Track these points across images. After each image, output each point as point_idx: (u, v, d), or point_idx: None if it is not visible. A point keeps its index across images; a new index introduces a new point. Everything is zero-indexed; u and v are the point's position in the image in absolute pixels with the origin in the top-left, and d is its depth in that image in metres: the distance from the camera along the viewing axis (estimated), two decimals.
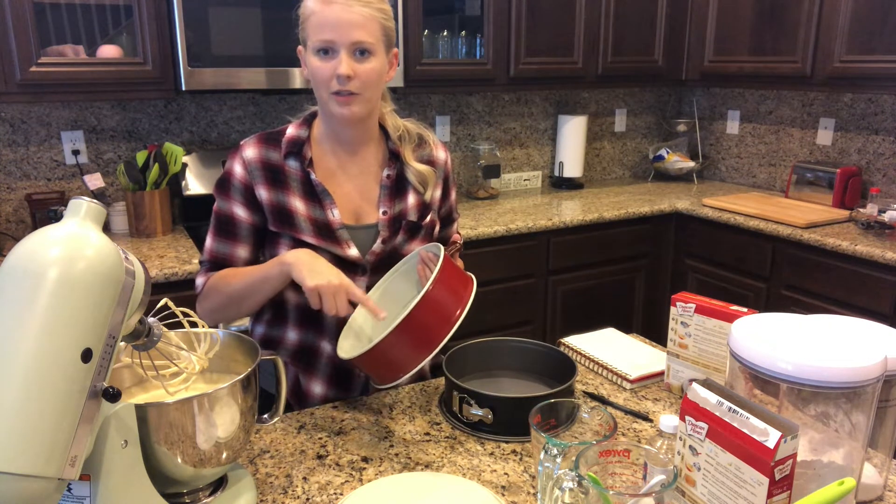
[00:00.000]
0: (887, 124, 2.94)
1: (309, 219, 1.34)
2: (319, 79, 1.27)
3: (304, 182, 1.35)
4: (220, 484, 1.04)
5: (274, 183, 1.34)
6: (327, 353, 1.39)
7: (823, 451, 0.97)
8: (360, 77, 1.26)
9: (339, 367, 1.40)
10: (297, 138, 1.36)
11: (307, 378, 1.41)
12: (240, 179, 1.35)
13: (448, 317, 1.16)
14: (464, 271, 1.29)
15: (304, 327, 1.39)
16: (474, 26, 2.90)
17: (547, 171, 3.58)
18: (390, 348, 1.14)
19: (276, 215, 1.34)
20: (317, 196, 1.35)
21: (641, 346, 1.55)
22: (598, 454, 0.92)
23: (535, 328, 2.93)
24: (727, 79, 3.24)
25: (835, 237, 2.56)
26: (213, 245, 1.37)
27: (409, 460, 1.14)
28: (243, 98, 2.79)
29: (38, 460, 0.70)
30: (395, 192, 1.41)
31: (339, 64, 1.24)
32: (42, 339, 0.72)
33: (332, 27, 1.23)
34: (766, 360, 0.93)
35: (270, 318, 1.42)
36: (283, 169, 1.35)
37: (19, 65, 2.12)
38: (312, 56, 1.27)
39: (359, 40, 1.25)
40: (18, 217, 2.51)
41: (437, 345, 1.14)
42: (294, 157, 1.35)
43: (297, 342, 1.40)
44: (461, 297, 1.19)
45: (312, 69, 1.28)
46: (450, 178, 1.51)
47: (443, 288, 1.17)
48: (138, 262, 0.88)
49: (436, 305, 1.15)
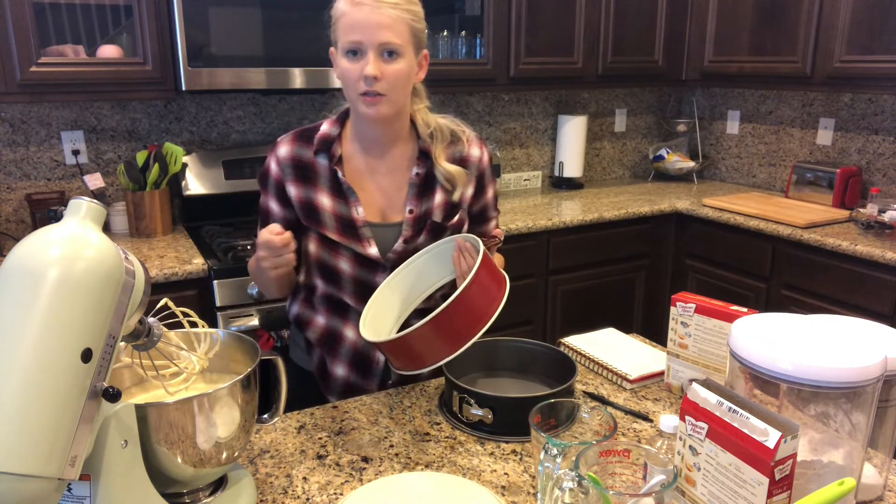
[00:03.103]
0: (887, 124, 2.94)
1: (335, 215, 1.37)
2: (348, 79, 1.29)
3: (332, 179, 1.38)
4: (220, 484, 1.04)
5: (304, 180, 1.38)
6: (350, 340, 1.44)
7: (823, 451, 0.97)
8: (388, 78, 1.27)
9: (361, 353, 1.45)
10: (328, 136, 1.39)
11: (331, 360, 1.46)
12: (274, 177, 1.40)
13: (480, 316, 1.16)
14: (499, 270, 1.28)
15: (330, 313, 1.45)
16: (474, 26, 2.90)
17: (547, 171, 3.58)
18: (417, 341, 1.15)
19: (305, 211, 1.39)
20: (343, 193, 1.38)
21: (641, 346, 1.55)
22: (598, 454, 0.92)
23: (535, 328, 2.93)
24: (727, 79, 3.24)
25: (835, 237, 2.56)
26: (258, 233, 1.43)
27: (409, 460, 1.14)
28: (243, 98, 2.79)
29: (38, 460, 0.70)
30: (424, 190, 1.41)
31: (366, 65, 1.26)
32: (42, 340, 0.72)
33: (361, 28, 1.25)
34: (766, 360, 0.93)
35: (303, 299, 1.48)
36: (314, 166, 1.38)
37: (19, 65, 2.12)
38: (342, 57, 1.29)
39: (386, 41, 1.26)
40: (18, 217, 2.51)
41: (464, 343, 1.15)
42: (324, 154, 1.38)
43: (324, 326, 1.45)
44: (494, 298, 1.19)
45: (342, 70, 1.30)
46: (486, 176, 1.49)
47: (478, 288, 1.17)
48: (138, 262, 0.88)
49: (469, 304, 1.16)
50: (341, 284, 1.41)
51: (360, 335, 1.35)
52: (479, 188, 1.48)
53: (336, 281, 1.40)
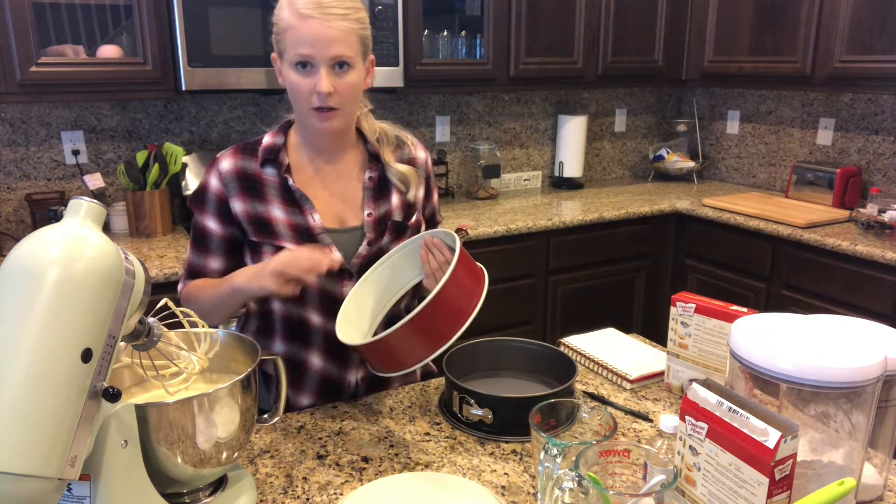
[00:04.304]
0: (887, 124, 2.94)
1: (289, 225, 1.33)
2: (298, 93, 1.26)
3: (282, 189, 1.34)
4: (220, 484, 1.04)
5: (251, 193, 1.34)
6: (315, 366, 1.38)
7: (823, 451, 0.97)
8: (340, 92, 1.25)
9: (328, 380, 1.39)
10: (273, 146, 1.35)
11: (295, 391, 1.39)
12: (215, 193, 1.34)
13: (460, 313, 1.13)
14: (476, 263, 1.25)
15: (290, 339, 1.38)
16: (474, 26, 2.90)
17: (547, 171, 3.58)
18: (397, 342, 1.12)
19: (255, 226, 1.33)
20: (296, 202, 1.34)
21: (641, 346, 1.55)
22: (598, 454, 0.92)
23: (535, 328, 2.93)
24: (727, 79, 3.24)
25: (835, 237, 2.56)
26: (189, 256, 1.40)
27: (409, 460, 1.14)
28: (243, 98, 2.79)
29: (38, 460, 0.70)
30: (379, 193, 1.40)
31: (319, 80, 1.23)
32: (42, 339, 0.72)
33: (311, 43, 1.22)
34: (766, 360, 0.93)
35: (257, 329, 1.42)
36: (261, 178, 1.34)
37: (19, 65, 2.12)
38: (290, 69, 1.26)
39: (338, 55, 1.23)
40: (18, 217, 2.51)
41: (446, 341, 1.12)
42: (271, 164, 1.34)
43: (283, 355, 1.37)
44: (473, 293, 1.17)
45: (291, 83, 1.27)
46: (431, 179, 1.50)
47: (456, 285, 1.14)
48: (138, 262, 0.88)
49: (449, 302, 1.13)
50: (305, 300, 1.34)
51: (327, 360, 1.35)
52: (427, 191, 1.49)
53: (299, 297, 1.29)
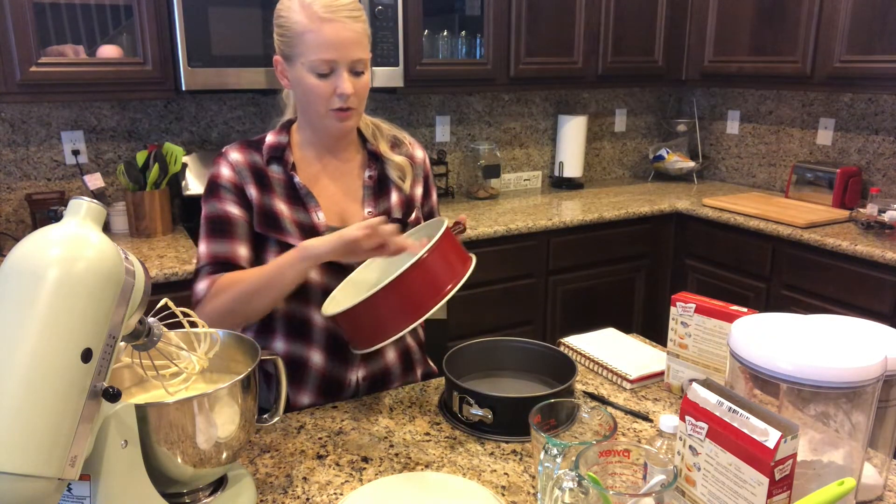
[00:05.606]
0: (887, 124, 2.94)
1: (294, 222, 1.34)
2: (316, 96, 1.28)
3: (287, 186, 1.36)
4: (220, 484, 1.04)
5: (261, 185, 1.35)
6: (316, 364, 1.38)
7: (823, 451, 0.97)
8: (358, 92, 1.29)
9: (329, 378, 1.39)
10: (277, 144, 1.38)
11: (295, 389, 1.39)
12: (229, 180, 1.34)
13: (440, 287, 1.15)
14: (466, 251, 1.26)
15: (292, 338, 1.38)
16: (474, 26, 2.90)
17: (547, 171, 3.58)
18: (375, 308, 1.14)
19: (263, 217, 1.34)
20: (301, 199, 1.36)
21: (641, 346, 1.55)
22: (598, 454, 0.92)
23: (535, 328, 2.93)
24: (727, 79, 3.24)
25: (835, 237, 2.56)
26: (209, 248, 1.32)
27: (409, 460, 1.14)
28: (243, 98, 2.79)
29: (38, 460, 0.70)
30: (379, 191, 1.43)
31: (341, 82, 1.26)
32: (42, 339, 0.72)
33: (335, 46, 1.24)
34: (766, 360, 0.93)
35: (258, 329, 1.41)
36: (267, 173, 1.36)
37: (19, 65, 2.12)
38: (307, 72, 1.27)
39: (359, 58, 1.27)
40: (18, 217, 2.51)
41: (423, 313, 1.14)
42: (276, 162, 1.37)
43: (284, 353, 1.37)
44: (456, 272, 1.18)
45: (308, 87, 1.28)
46: (430, 178, 1.53)
47: (439, 258, 1.16)
48: (138, 262, 0.88)
49: (429, 272, 1.15)
50: (308, 297, 1.34)
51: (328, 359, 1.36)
52: (426, 190, 1.51)
53: (302, 294, 1.32)
